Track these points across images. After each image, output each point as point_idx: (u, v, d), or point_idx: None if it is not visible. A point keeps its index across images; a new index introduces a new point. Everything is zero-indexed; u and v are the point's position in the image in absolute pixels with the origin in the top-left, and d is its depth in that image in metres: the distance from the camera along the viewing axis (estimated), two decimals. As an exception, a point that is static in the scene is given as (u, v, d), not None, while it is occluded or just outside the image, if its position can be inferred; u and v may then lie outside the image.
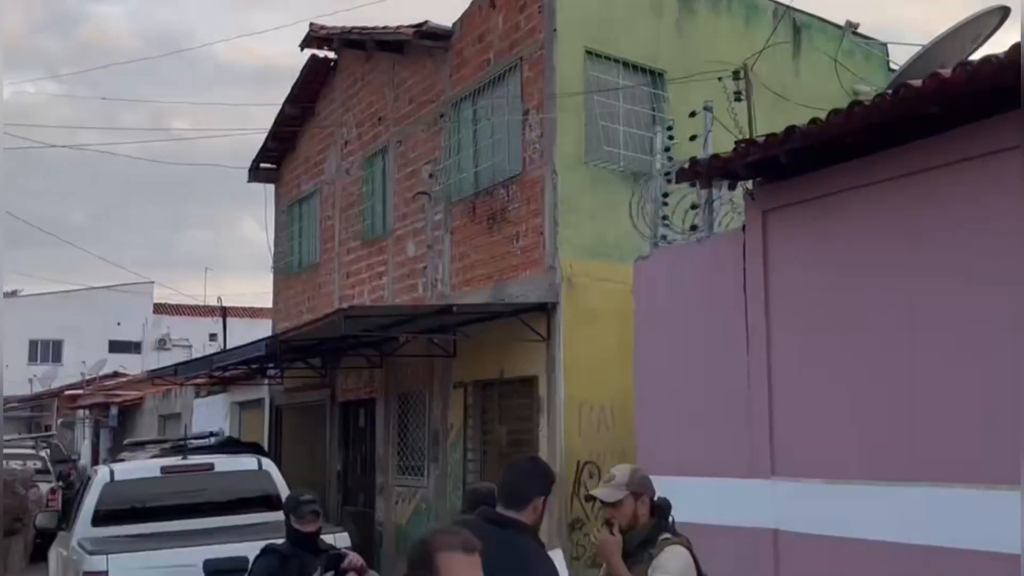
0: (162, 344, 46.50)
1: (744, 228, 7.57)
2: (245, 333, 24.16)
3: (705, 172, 7.25)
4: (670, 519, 4.98)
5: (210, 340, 39.70)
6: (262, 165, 19.63)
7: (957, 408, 5.98)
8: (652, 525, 4.85)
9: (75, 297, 50.92)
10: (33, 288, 56.24)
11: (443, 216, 13.74)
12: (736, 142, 7.06)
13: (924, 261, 6.27)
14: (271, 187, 20.02)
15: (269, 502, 9.57)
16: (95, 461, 27.71)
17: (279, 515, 9.45)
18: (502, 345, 11.90)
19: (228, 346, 23.42)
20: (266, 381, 18.89)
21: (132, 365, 41.57)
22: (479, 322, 11.87)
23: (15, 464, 19.56)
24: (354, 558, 5.72)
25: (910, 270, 6.36)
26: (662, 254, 8.67)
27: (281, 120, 18.37)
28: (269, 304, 21.05)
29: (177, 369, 17.40)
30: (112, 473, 9.79)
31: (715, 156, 7.21)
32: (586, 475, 11.15)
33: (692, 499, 7.82)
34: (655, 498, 4.96)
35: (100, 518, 9.24)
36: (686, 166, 7.40)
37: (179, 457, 10.23)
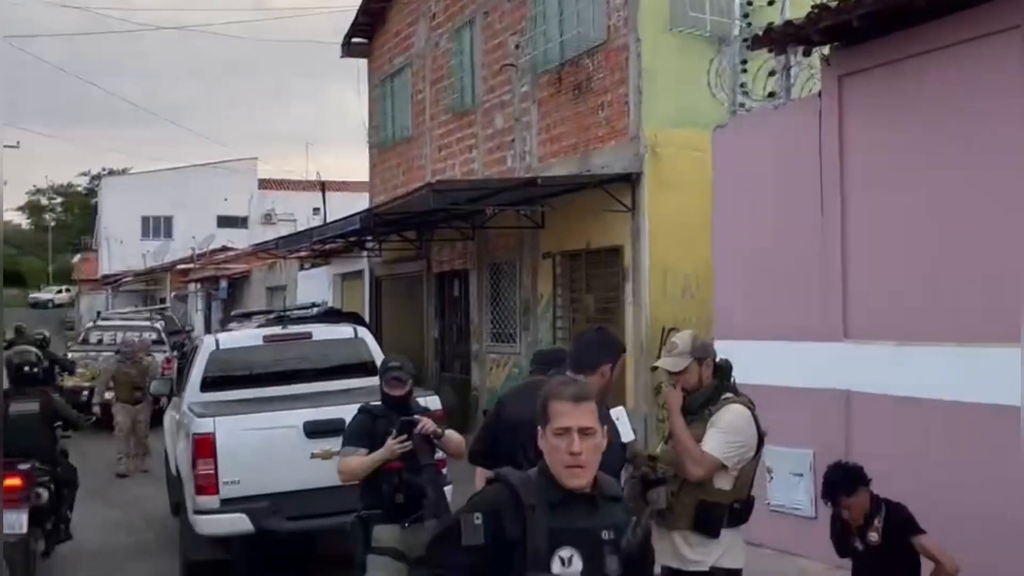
0: (267, 219, 47.62)
1: (820, 94, 7.59)
2: (346, 207, 24.69)
3: (779, 38, 7.27)
4: (732, 380, 5.21)
5: (313, 214, 40.49)
6: (354, 40, 19.88)
7: None
8: (714, 386, 5.09)
9: (183, 174, 52.43)
10: (143, 166, 57.87)
11: (529, 87, 13.88)
12: (811, 8, 7.03)
13: (999, 124, 6.25)
14: (364, 62, 20.27)
15: (364, 368, 9.99)
16: (207, 332, 28.94)
17: (374, 380, 9.92)
18: (588, 216, 12.11)
19: (329, 220, 24.10)
20: (364, 253, 19.44)
21: (239, 239, 42.71)
22: (565, 194, 12.07)
23: (132, 335, 20.56)
24: (426, 423, 6.04)
25: (984, 133, 6.35)
26: (740, 122, 8.72)
27: (371, -6, 18.56)
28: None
29: (279, 243, 18.03)
30: (218, 342, 10.33)
31: (788, 23, 7.22)
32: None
33: (767, 362, 8.08)
34: (717, 360, 5.18)
35: (207, 384, 9.77)
36: (761, 32, 7.40)
37: (280, 327, 10.74)
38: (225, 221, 49.50)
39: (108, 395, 15.38)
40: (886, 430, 7.02)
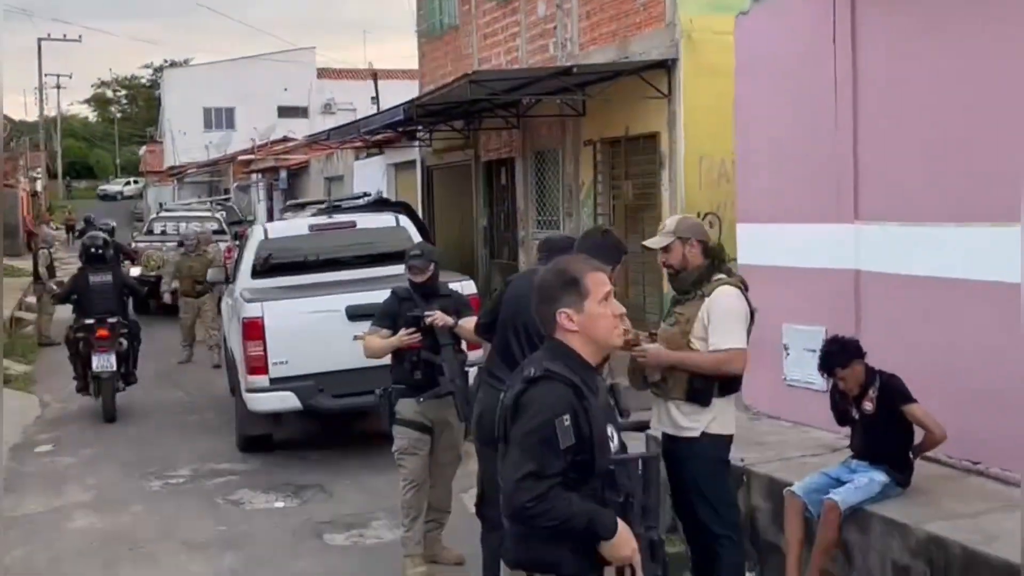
0: (327, 108, 47.88)
1: None
2: (402, 96, 24.98)
3: None
4: (725, 262, 5.58)
5: (372, 103, 40.85)
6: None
7: None
8: (705, 267, 5.44)
9: (243, 65, 52.85)
10: (204, 57, 58.24)
11: None
12: None
13: (1015, 13, 6.36)
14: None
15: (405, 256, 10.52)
16: (270, 221, 29.68)
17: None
18: (627, 103, 12.34)
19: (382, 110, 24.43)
20: (416, 143, 19.81)
21: (300, 130, 43.13)
22: (601, 82, 12.27)
23: (194, 226, 21.25)
24: (435, 317, 6.49)
25: (998, 21, 6.47)
26: (762, 8, 8.84)
27: None
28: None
29: (330, 134, 18.43)
30: (266, 231, 10.88)
31: None
32: (707, 225, 11.73)
33: (785, 244, 8.41)
34: (708, 243, 5.53)
35: (257, 271, 10.36)
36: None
37: (326, 216, 11.23)
38: (286, 111, 49.98)
39: (175, 284, 15.89)
40: (892, 307, 7.33)
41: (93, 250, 11.99)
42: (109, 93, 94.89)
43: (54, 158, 74.65)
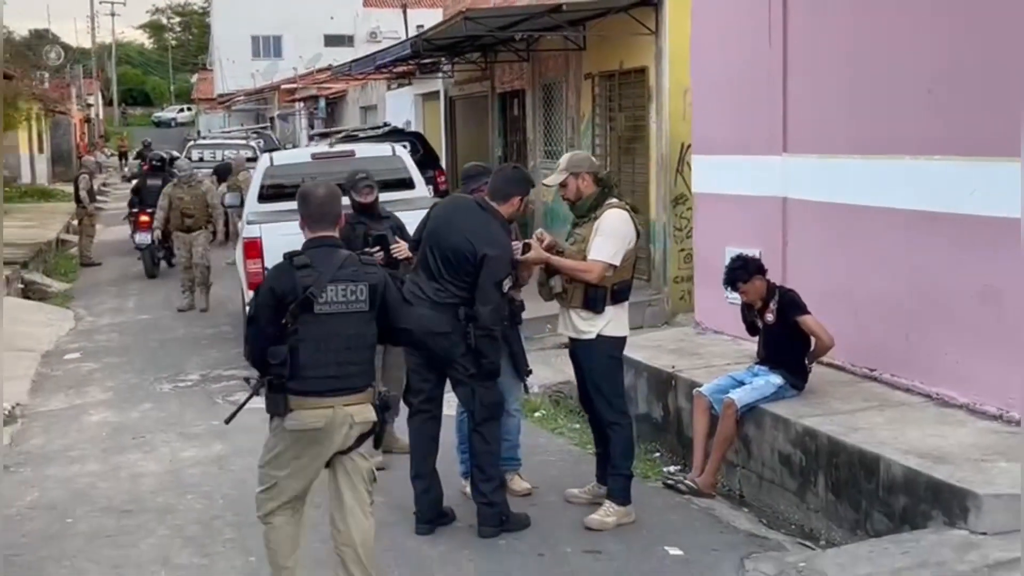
0: (373, 37, 48.50)
1: None
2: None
3: None
4: (614, 189, 6.45)
5: (416, 31, 41.38)
6: None
7: (943, 89, 6.75)
8: (596, 194, 6.27)
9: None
10: None
11: None
12: None
13: None
14: None
15: (401, 183, 11.35)
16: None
17: (408, 193, 11.32)
18: (621, 38, 12.93)
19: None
20: (440, 75, 20.57)
21: (345, 58, 43.70)
22: (591, 19, 12.96)
23: (229, 153, 22.29)
24: (402, 248, 7.43)
25: None
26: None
27: None
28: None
29: (351, 66, 19.24)
30: (272, 159, 11.81)
31: None
32: (689, 156, 12.46)
33: (727, 174, 9.22)
34: (598, 174, 6.36)
35: (263, 196, 11.26)
36: None
37: (327, 145, 12.14)
38: (332, 40, 50.71)
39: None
40: (813, 231, 8.12)
41: (154, 161, 18.38)
42: (163, 20, 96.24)
43: (109, 85, 76.23)
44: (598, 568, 5.68)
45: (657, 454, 7.96)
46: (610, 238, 6.13)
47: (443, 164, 18.42)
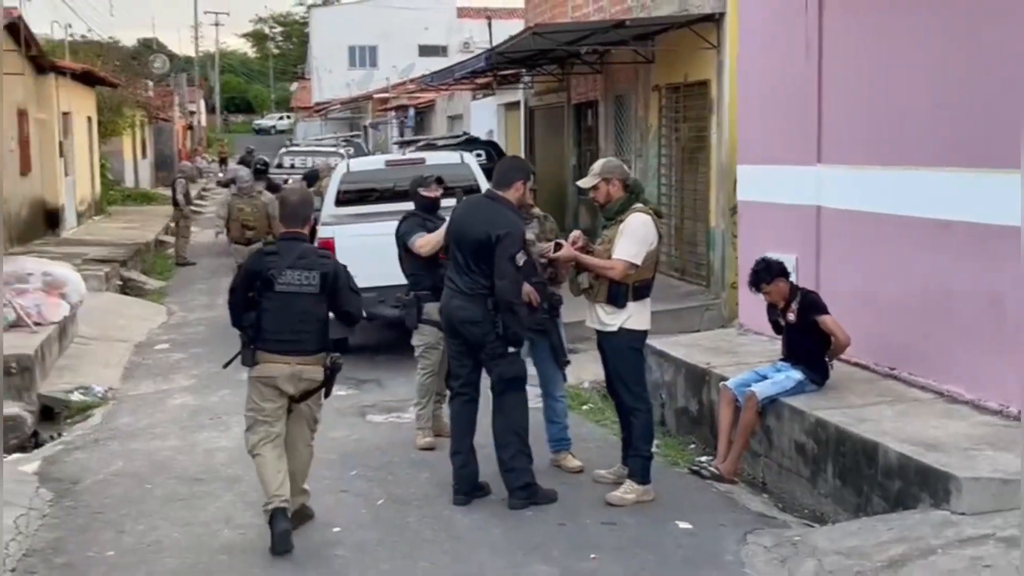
0: (465, 47, 49.41)
1: None
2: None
3: None
4: (642, 194, 7.04)
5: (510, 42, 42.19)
6: None
7: (974, 107, 7.14)
8: (625, 199, 6.88)
9: (386, 4, 54.77)
10: None
11: None
12: None
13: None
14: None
15: (468, 190, 12.01)
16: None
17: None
18: (686, 53, 13.53)
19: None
20: (521, 85, 21.31)
21: (439, 68, 44.92)
22: (658, 34, 13.56)
23: (319, 160, 23.32)
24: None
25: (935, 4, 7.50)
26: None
27: None
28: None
29: (432, 77, 20.07)
30: (349, 165, 12.64)
31: None
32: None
33: (768, 183, 9.76)
34: (627, 180, 6.96)
35: (340, 200, 12.05)
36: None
37: (400, 153, 12.92)
38: (426, 50, 51.79)
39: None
40: (851, 239, 8.57)
41: (257, 166, 19.62)
42: (266, 30, 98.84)
43: (212, 92, 78.64)
44: (611, 537, 6.29)
45: (692, 445, 8.53)
46: (633, 239, 6.73)
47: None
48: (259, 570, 5.98)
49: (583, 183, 7.06)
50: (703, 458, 7.92)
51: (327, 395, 6.49)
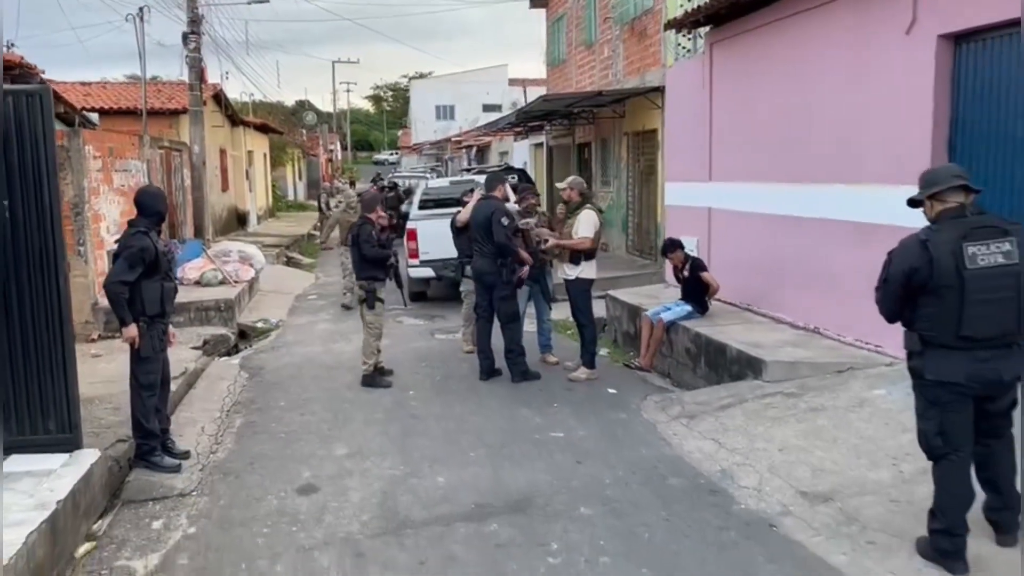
0: (514, 106, 49.78)
1: (705, 52, 9.83)
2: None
3: (678, 23, 9.55)
4: (592, 198, 8.07)
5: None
6: (537, -3, 22.02)
7: (819, 149, 7.87)
8: (580, 202, 7.90)
9: (461, 76, 55.43)
10: (439, 71, 60.64)
11: (619, 32, 15.91)
12: (697, 5, 9.28)
13: (794, 65, 8.02)
14: (544, 10, 22.46)
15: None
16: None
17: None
18: (644, 111, 14.36)
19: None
20: (543, 132, 22.13)
21: (490, 121, 45.57)
22: (625, 99, 14.43)
23: (413, 181, 24.29)
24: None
25: (785, 70, 8.18)
26: (677, 65, 10.98)
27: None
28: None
29: (484, 128, 20.95)
30: (427, 183, 13.70)
31: (676, 18, 9.48)
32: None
33: (684, 193, 10.63)
34: (583, 191, 7.98)
35: (422, 205, 13.14)
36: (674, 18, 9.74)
37: (460, 176, 13.95)
38: (487, 108, 52.11)
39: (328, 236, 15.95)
40: (725, 227, 9.51)
41: (386, 187, 19.70)
42: (381, 93, 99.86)
43: (344, 137, 79.84)
44: (569, 395, 7.33)
45: (631, 353, 9.49)
46: (586, 225, 7.77)
47: (541, 189, 19.98)
48: (371, 402, 7.13)
49: (559, 185, 8.06)
50: (636, 362, 8.98)
51: (371, 306, 7.77)
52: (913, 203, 3.79)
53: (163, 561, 4.41)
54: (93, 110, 16.17)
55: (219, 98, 20.98)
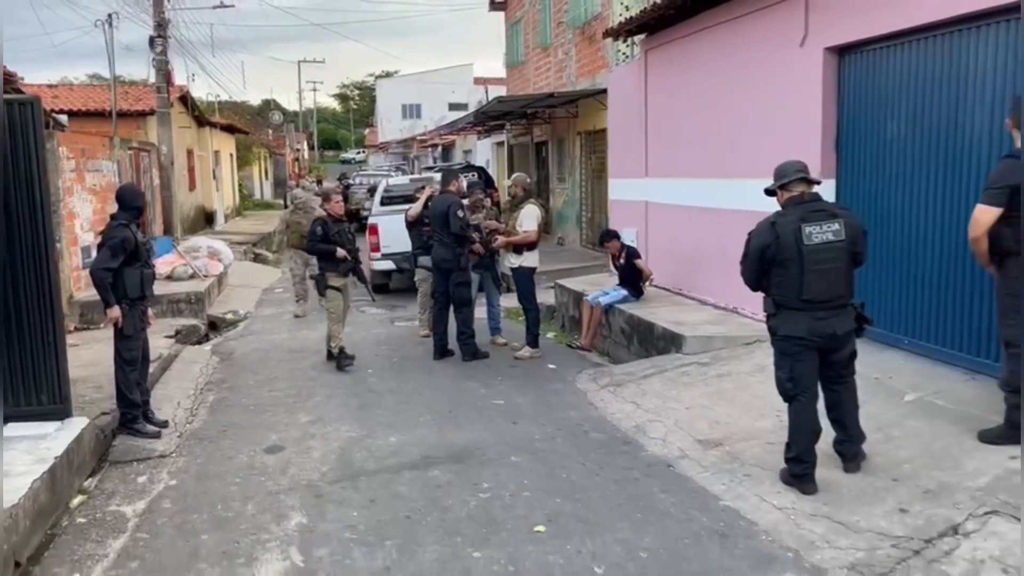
0: (479, 104, 50.75)
1: (640, 57, 10.69)
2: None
3: (615, 32, 10.39)
4: (534, 193, 8.89)
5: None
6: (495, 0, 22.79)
7: (733, 147, 8.60)
8: (523, 197, 8.71)
9: (427, 75, 55.90)
10: (405, 70, 60.85)
11: (572, 35, 16.75)
12: (642, 10, 10.12)
13: (714, 72, 8.76)
14: (503, 13, 23.22)
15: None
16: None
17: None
18: (594, 112, 15.07)
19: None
20: (503, 132, 22.92)
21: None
22: (577, 100, 15.24)
23: (376, 180, 24.92)
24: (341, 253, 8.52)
25: (706, 76, 8.92)
26: (617, 69, 11.83)
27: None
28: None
29: (444, 127, 21.71)
30: (388, 182, 14.42)
31: (612, 27, 10.29)
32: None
33: (624, 189, 11.49)
34: (526, 186, 8.80)
35: (383, 202, 13.80)
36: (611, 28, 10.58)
37: (418, 174, 14.70)
38: (453, 106, 52.64)
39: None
40: (660, 219, 10.36)
41: (344, 185, 19.26)
42: (348, 92, 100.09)
43: (311, 136, 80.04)
44: (513, 371, 8.12)
45: (574, 335, 10.33)
46: (529, 219, 8.59)
47: (501, 186, 20.79)
48: (333, 380, 7.90)
49: (507, 182, 8.87)
50: (577, 341, 9.80)
51: (321, 294, 8.49)
52: (769, 192, 4.65)
53: (149, 506, 5.15)
54: (62, 112, 16.69)
55: (185, 99, 21.51)
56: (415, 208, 9.39)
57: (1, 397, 5.67)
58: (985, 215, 4.40)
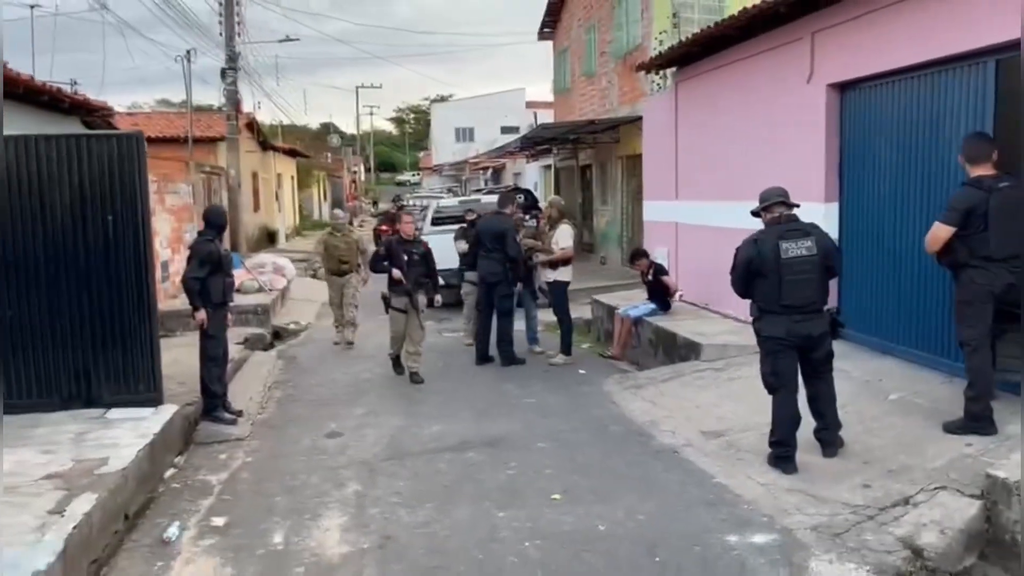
0: (531, 128, 51.74)
1: (672, 88, 11.48)
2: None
3: (649, 65, 11.22)
4: (569, 214, 9.73)
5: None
6: (544, 30, 23.74)
7: (751, 171, 9.22)
8: (559, 218, 9.56)
9: (481, 99, 57.20)
10: (459, 94, 62.24)
11: (614, 64, 17.61)
12: (669, 47, 10.94)
13: (741, 102, 9.40)
14: (551, 43, 24.19)
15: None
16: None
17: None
18: (635, 137, 15.72)
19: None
20: (550, 156, 23.82)
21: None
22: (618, 126, 16.06)
23: (429, 202, 26.01)
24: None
25: (729, 107, 9.63)
26: (651, 99, 12.62)
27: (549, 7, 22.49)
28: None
29: (495, 151, 22.70)
30: (439, 203, 15.41)
31: (644, 62, 11.12)
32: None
33: (655, 210, 12.26)
34: (562, 208, 9.64)
35: (433, 223, 14.78)
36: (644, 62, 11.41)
37: (468, 197, 15.65)
38: (506, 130, 53.68)
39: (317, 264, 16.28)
40: (689, 239, 11.09)
41: (398, 207, 19.47)
42: (404, 116, 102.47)
43: (368, 159, 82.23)
44: (547, 375, 8.94)
45: (608, 346, 11.10)
46: (565, 237, 9.45)
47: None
48: (385, 381, 8.82)
49: (543, 205, 9.73)
50: (609, 351, 10.52)
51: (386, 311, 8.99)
52: (754, 213, 5.45)
53: (230, 476, 6.12)
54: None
55: (252, 126, 22.95)
56: (461, 247, 10.34)
57: (1, 394, 6.70)
58: (941, 231, 5.13)
